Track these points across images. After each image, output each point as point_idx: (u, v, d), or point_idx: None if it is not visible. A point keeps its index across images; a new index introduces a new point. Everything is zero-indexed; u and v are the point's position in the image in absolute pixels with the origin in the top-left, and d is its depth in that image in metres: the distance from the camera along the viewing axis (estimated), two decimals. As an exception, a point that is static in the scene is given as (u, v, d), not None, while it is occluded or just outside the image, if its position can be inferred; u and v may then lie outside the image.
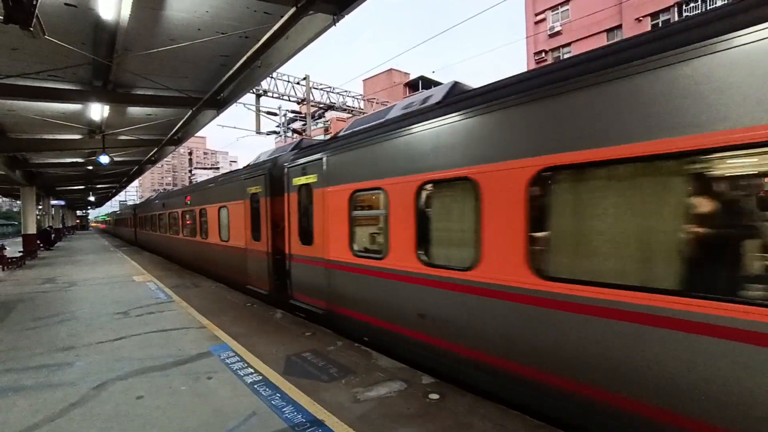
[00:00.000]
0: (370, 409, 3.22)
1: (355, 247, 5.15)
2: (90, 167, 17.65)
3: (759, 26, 2.01)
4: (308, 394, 3.49)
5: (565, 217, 2.93)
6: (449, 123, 3.85)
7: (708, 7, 20.79)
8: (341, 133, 5.92)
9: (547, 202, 3.03)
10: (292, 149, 7.16)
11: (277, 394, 3.50)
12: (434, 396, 3.40)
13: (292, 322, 5.87)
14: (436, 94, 4.48)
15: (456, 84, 4.53)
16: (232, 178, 9.28)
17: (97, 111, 9.06)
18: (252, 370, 4.05)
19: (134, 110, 10.16)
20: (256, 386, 3.68)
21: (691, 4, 21.97)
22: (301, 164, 6.29)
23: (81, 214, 69.11)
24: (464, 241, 3.66)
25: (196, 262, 11.78)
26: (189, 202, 12.22)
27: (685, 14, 22.08)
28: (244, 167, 9.09)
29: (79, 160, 16.58)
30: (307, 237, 6.16)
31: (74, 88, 8.16)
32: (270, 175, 7.25)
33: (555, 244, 2.99)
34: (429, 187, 4.10)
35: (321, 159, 5.77)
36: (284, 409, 3.22)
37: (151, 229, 18.80)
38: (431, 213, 4.18)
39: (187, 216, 12.44)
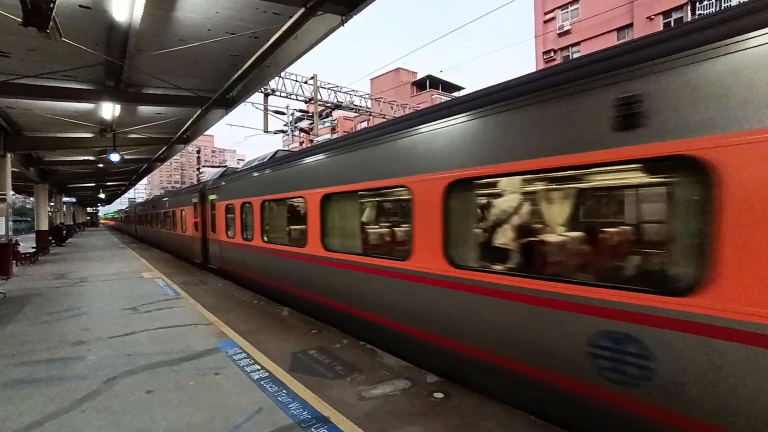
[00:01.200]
0: (376, 406, 3.25)
1: (228, 233, 9.41)
2: (101, 165, 17.96)
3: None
4: (314, 391, 3.53)
5: None
6: (266, 172, 7.53)
7: (722, 6, 20.43)
8: (239, 168, 10.15)
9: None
10: (219, 176, 10.92)
11: (284, 391, 3.54)
12: (439, 395, 3.42)
13: (299, 320, 5.93)
14: (268, 155, 8.46)
15: (278, 150, 8.47)
16: (187, 191, 14.17)
17: (109, 110, 9.23)
18: (259, 367, 4.11)
19: (144, 109, 10.33)
20: (262, 382, 3.73)
21: (705, 2, 21.61)
22: (211, 187, 10.78)
23: (91, 211, 70.21)
24: (249, 225, 8.10)
25: (170, 246, 16.67)
26: (167, 205, 17.08)
27: (698, 13, 21.74)
28: (196, 184, 14.48)
29: (91, 158, 16.88)
30: (213, 228, 10.48)
31: (87, 87, 8.33)
32: (201, 192, 11.67)
33: None
34: (246, 205, 8.30)
35: (217, 186, 10.23)
36: (290, 406, 3.27)
37: (145, 225, 24.16)
38: (251, 216, 8.05)
39: (166, 215, 17.19)
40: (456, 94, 42.42)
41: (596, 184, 3.52)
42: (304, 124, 22.51)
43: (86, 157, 16.98)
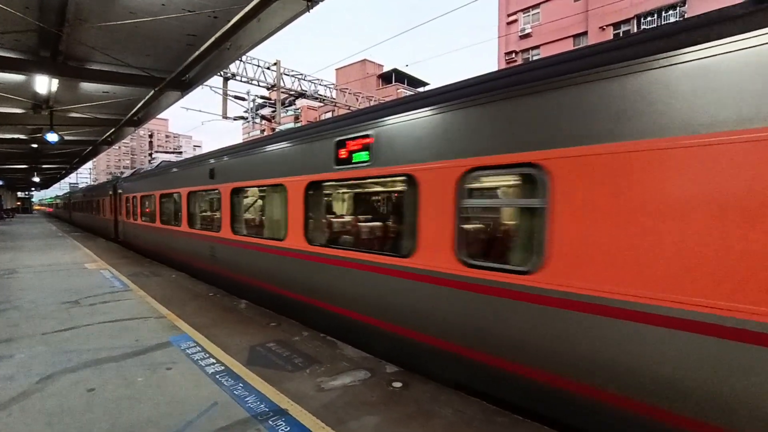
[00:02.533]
0: (335, 397, 3.26)
1: (126, 216, 13.45)
2: (35, 145, 16.27)
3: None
4: (272, 383, 3.48)
5: None
6: (156, 175, 10.56)
7: (662, 22, 22.19)
8: (142, 170, 13.59)
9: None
10: (128, 176, 14.57)
11: (240, 384, 3.45)
12: (397, 384, 3.49)
13: (256, 313, 5.78)
14: (156, 164, 12.83)
15: (162, 161, 12.46)
16: (106, 184, 18.49)
17: (44, 84, 8.34)
18: (214, 361, 3.97)
19: (88, 86, 9.46)
20: (218, 376, 3.61)
21: (648, 18, 23.38)
22: (118, 183, 14.98)
23: (23, 195, 63.60)
24: (135, 211, 12.50)
25: (93, 227, 21.43)
26: (93, 195, 21.49)
27: (642, 26, 23.44)
28: (113, 179, 18.67)
29: (22, 136, 15.24)
30: (120, 212, 14.54)
31: (15, 56, 7.45)
32: (114, 185, 15.71)
33: None
34: (134, 197, 12.30)
35: (122, 183, 14.28)
36: (247, 399, 3.19)
37: (78, 211, 28.83)
38: (136, 205, 12.17)
39: (92, 203, 21.58)
40: (421, 89, 42.84)
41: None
42: (266, 111, 21.69)
43: (16, 135, 15.29)
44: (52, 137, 10.46)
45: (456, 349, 3.28)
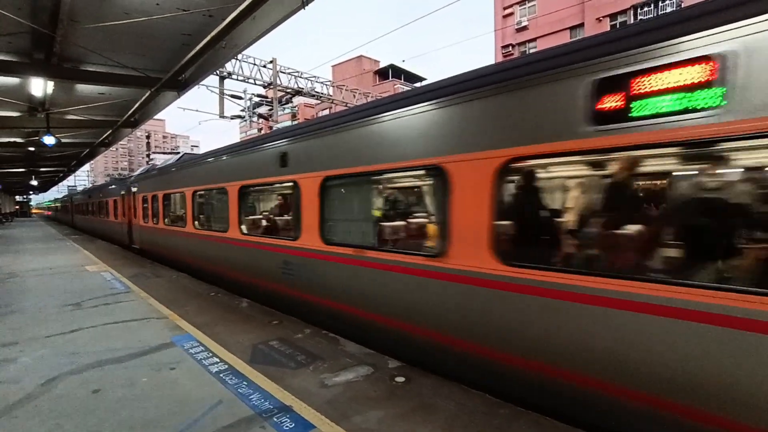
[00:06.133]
0: (338, 393, 3.29)
1: (77, 214, 28.87)
2: (32, 148, 16.21)
3: None
4: (275, 381, 3.50)
5: None
6: (83, 193, 27.71)
7: (659, 12, 22.09)
8: (90, 186, 42.90)
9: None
10: (78, 192, 34.29)
11: (244, 382, 3.48)
12: (400, 379, 3.52)
13: (258, 311, 5.80)
14: (91, 186, 43.48)
15: (93, 185, 45.06)
16: (68, 197, 37.26)
17: (39, 86, 8.28)
18: (217, 360, 3.99)
19: (84, 88, 9.40)
20: (221, 375, 3.64)
21: (645, 9, 23.26)
22: (74, 195, 33.69)
23: (21, 199, 63.51)
24: (79, 210, 28.61)
25: (65, 221, 36.32)
26: (65, 203, 38.40)
27: (639, 17, 23.33)
28: (72, 193, 40.45)
29: (19, 140, 15.16)
30: (74, 212, 30.83)
31: (9, 59, 7.39)
32: (70, 197, 35.05)
33: None
34: (81, 204, 27.44)
35: (72, 196, 34.70)
36: (251, 397, 3.22)
37: (59, 213, 43.35)
38: (80, 207, 27.68)
39: (64, 207, 38.42)
40: (418, 84, 42.68)
41: None
42: (263, 109, 21.61)
43: (12, 139, 15.22)
44: (49, 140, 10.39)
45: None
